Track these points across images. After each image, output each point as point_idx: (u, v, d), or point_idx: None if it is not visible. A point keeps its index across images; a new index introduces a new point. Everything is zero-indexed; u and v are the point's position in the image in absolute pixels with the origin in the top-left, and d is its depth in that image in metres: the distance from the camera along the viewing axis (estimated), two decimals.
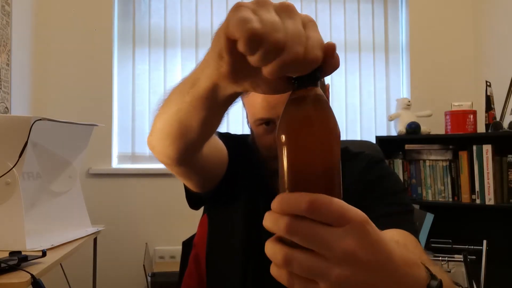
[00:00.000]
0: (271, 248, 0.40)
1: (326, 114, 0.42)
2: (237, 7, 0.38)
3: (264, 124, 0.86)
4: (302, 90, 0.42)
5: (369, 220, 0.38)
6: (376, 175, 0.91)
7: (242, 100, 0.94)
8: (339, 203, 0.37)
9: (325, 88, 0.93)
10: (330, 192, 0.39)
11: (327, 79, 0.95)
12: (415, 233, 0.80)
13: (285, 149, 0.42)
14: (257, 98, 0.85)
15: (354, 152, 0.99)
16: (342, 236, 0.36)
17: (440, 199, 2.30)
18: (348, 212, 0.37)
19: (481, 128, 2.31)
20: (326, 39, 0.40)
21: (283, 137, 0.42)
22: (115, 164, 2.48)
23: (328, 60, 0.40)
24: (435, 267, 0.52)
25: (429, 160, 2.34)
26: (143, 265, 2.14)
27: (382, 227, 0.77)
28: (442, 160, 2.32)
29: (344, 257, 0.36)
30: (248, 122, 0.95)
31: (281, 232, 0.38)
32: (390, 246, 0.39)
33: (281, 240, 0.39)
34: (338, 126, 0.42)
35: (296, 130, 0.41)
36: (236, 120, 2.54)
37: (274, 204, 0.39)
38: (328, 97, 0.94)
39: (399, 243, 0.41)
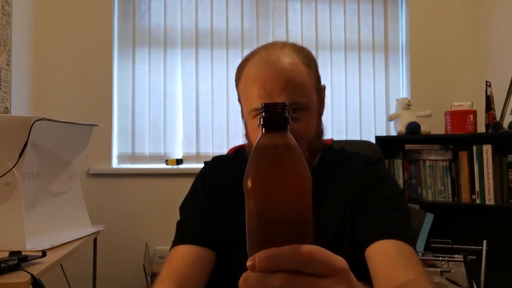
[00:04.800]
0: None
1: (297, 161, 0.40)
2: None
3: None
4: (271, 136, 0.40)
5: (348, 268, 0.38)
6: (373, 177, 0.89)
7: (237, 91, 0.92)
8: (328, 253, 0.37)
9: (321, 88, 0.91)
10: (307, 242, 0.37)
11: (323, 79, 0.94)
12: (412, 239, 0.79)
13: (256, 200, 0.39)
14: (253, 87, 0.83)
15: (351, 153, 0.97)
16: (336, 286, 0.36)
17: (440, 199, 2.30)
18: (335, 262, 0.37)
19: (481, 128, 2.31)
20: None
21: (250, 185, 0.39)
22: (115, 164, 2.48)
23: None
24: None
25: (429, 160, 2.34)
26: (143, 265, 2.14)
27: (378, 235, 0.77)
28: (442, 160, 2.32)
29: None
30: (242, 117, 0.93)
31: None
32: None
33: None
34: (309, 173, 0.40)
35: (267, 180, 0.39)
36: (236, 119, 2.54)
37: (261, 262, 0.36)
38: (323, 98, 0.92)
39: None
